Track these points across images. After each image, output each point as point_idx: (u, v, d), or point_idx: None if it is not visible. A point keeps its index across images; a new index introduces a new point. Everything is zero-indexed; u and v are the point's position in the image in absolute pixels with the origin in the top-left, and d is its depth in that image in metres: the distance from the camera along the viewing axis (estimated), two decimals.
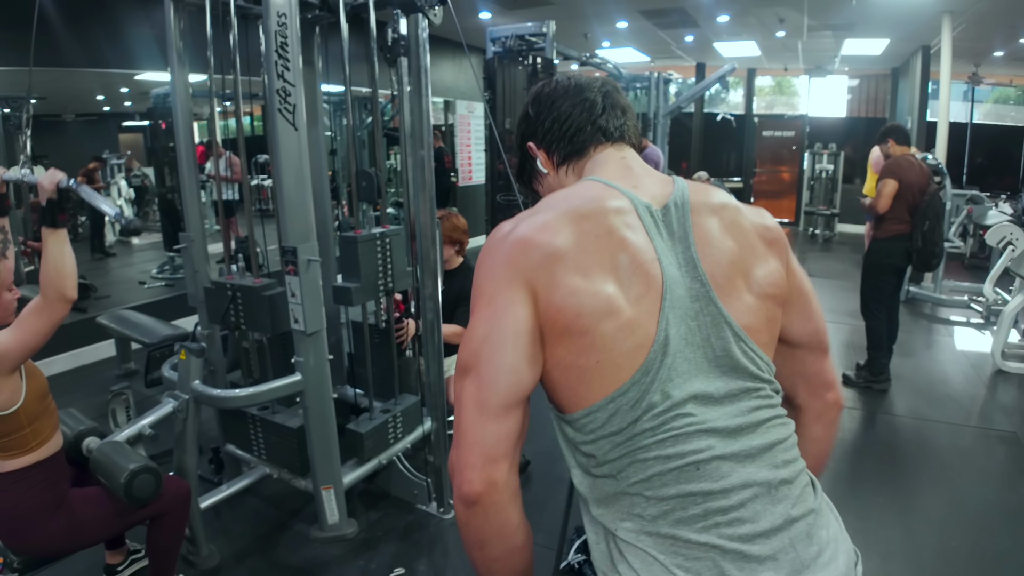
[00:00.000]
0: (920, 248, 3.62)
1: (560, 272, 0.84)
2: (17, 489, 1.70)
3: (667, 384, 0.84)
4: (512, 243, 0.87)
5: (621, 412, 0.85)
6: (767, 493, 0.85)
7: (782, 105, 12.63)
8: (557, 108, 1.03)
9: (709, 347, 0.87)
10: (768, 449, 0.87)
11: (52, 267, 1.64)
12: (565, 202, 0.91)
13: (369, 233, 2.36)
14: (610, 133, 1.02)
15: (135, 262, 6.49)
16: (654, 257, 0.87)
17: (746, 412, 0.88)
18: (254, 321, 2.28)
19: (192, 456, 2.24)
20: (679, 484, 0.83)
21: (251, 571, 2.30)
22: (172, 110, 2.35)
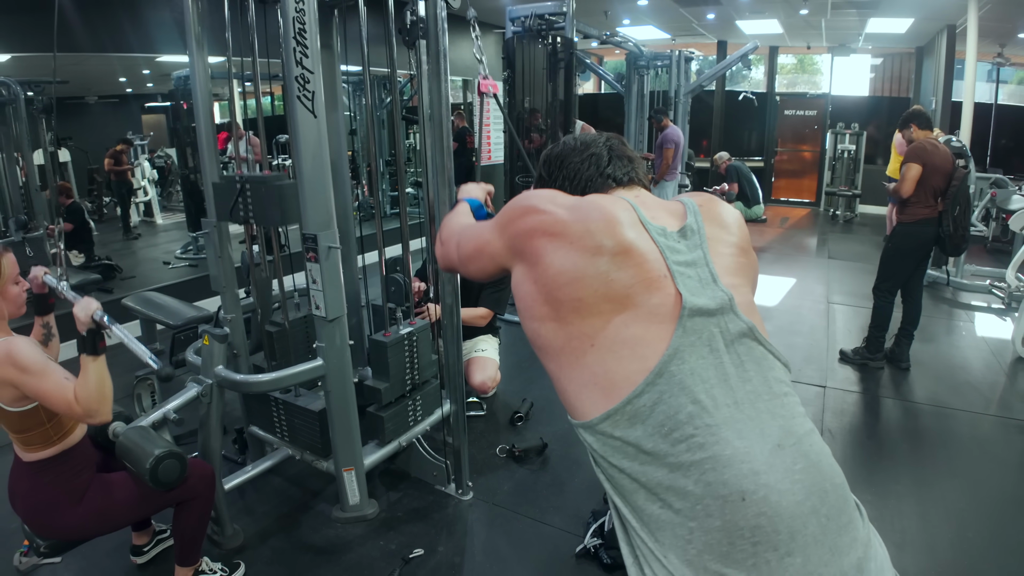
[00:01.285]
0: (952, 233, 3.60)
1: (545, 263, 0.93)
2: (42, 478, 1.75)
3: (693, 388, 0.83)
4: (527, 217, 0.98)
5: (642, 418, 0.83)
6: (817, 523, 0.81)
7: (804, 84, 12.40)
8: (567, 166, 1.12)
9: (734, 353, 0.88)
10: (815, 471, 0.84)
11: (88, 391, 1.66)
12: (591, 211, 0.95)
13: (397, 336, 2.49)
14: (619, 179, 1.09)
15: (160, 243, 6.59)
16: (666, 273, 0.90)
17: (782, 420, 0.86)
18: (263, 214, 2.24)
19: (216, 439, 2.29)
20: (724, 516, 0.79)
21: (274, 551, 2.36)
22: (192, 94, 2.37)
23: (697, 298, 0.88)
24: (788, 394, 0.90)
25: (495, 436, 3.13)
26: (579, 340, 0.88)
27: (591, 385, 0.88)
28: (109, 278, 4.91)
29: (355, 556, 2.32)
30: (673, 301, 0.87)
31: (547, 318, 0.92)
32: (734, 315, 0.90)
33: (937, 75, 7.68)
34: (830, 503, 0.83)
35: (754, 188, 6.85)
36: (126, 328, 1.79)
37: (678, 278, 0.89)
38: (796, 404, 0.91)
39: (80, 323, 1.70)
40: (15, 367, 1.62)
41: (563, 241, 0.91)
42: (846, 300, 5.37)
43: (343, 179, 2.78)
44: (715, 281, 0.92)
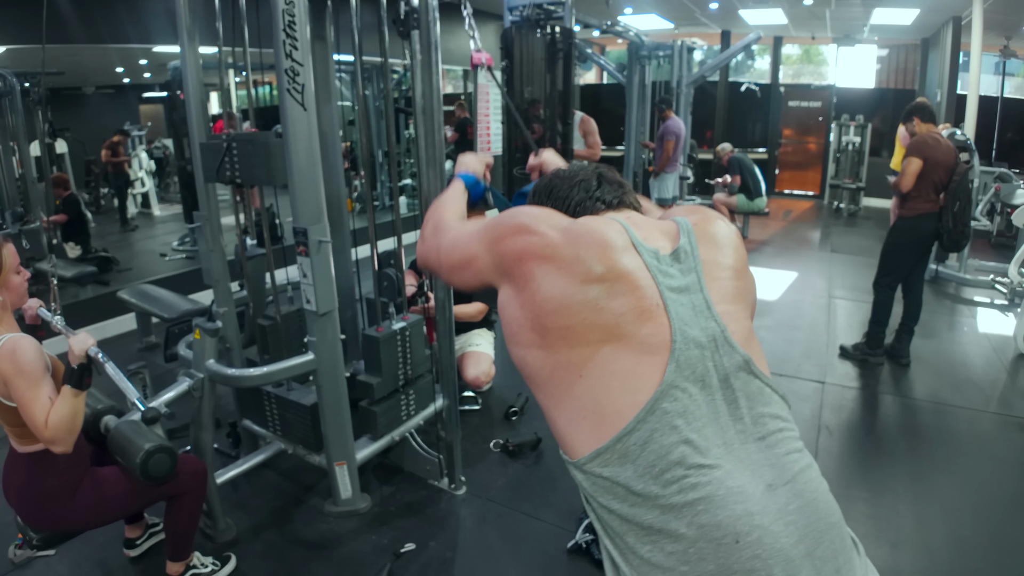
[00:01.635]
0: (952, 228, 3.57)
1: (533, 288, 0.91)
2: (36, 470, 1.75)
3: (684, 427, 0.81)
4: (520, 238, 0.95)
5: (632, 457, 0.81)
6: (812, 567, 0.79)
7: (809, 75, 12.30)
8: (556, 195, 1.09)
9: (728, 388, 0.85)
10: (809, 511, 0.82)
11: (64, 422, 1.66)
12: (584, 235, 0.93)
13: (390, 331, 2.47)
14: (609, 202, 1.07)
15: (157, 234, 6.58)
16: (659, 301, 0.87)
17: (776, 460, 0.83)
18: (249, 172, 2.21)
19: (208, 433, 2.28)
20: (718, 560, 0.77)
21: (266, 545, 2.36)
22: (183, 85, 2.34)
23: (690, 329, 0.85)
24: (783, 430, 0.87)
25: (489, 431, 3.12)
26: (566, 370, 0.86)
27: (580, 419, 0.85)
28: (105, 270, 4.90)
29: (347, 550, 2.32)
30: (666, 332, 0.84)
31: (533, 345, 0.89)
32: (729, 347, 0.87)
33: (942, 67, 7.61)
34: (825, 545, 0.81)
35: (756, 180, 6.79)
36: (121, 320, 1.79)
37: (671, 306, 0.86)
38: (791, 440, 0.87)
39: (74, 357, 1.70)
40: (14, 365, 1.62)
41: (553, 265, 0.89)
42: (848, 295, 5.33)
43: (336, 171, 2.76)
44: (709, 309, 0.89)
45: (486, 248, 0.99)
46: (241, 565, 2.22)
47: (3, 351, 1.62)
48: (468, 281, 1.05)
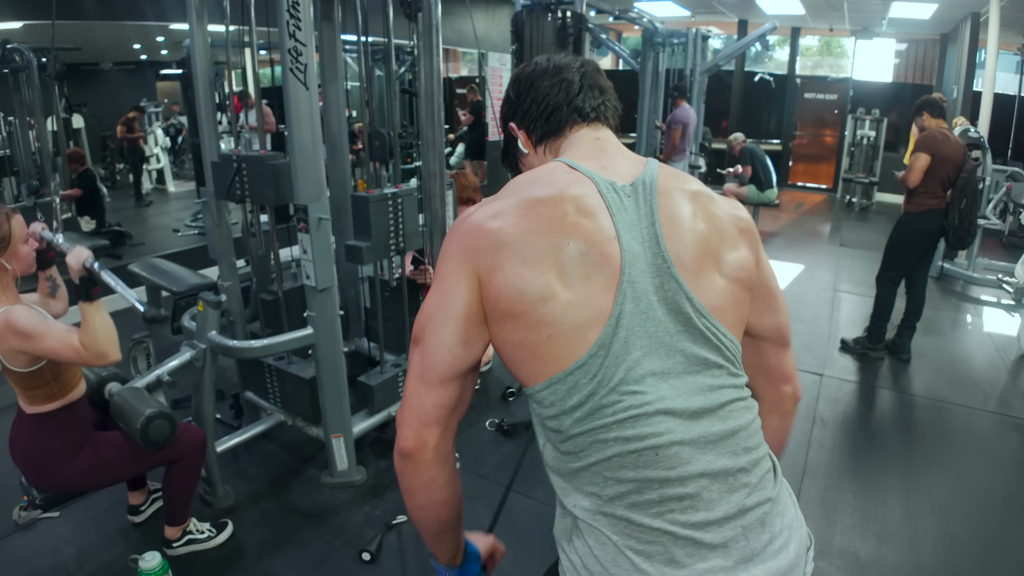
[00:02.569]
0: (957, 226, 3.56)
1: (504, 258, 0.87)
2: (42, 430, 1.83)
3: (626, 358, 0.86)
4: (465, 229, 0.92)
5: (580, 386, 0.86)
6: (724, 482, 0.86)
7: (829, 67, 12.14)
8: (536, 88, 1.05)
9: (671, 322, 0.88)
10: (730, 436, 0.88)
11: (93, 335, 1.73)
12: (526, 188, 0.93)
13: (380, 193, 2.40)
14: (586, 113, 1.04)
15: (171, 210, 6.65)
16: (613, 235, 0.87)
17: (707, 391, 0.88)
18: (258, 192, 2.30)
19: (209, 403, 2.34)
20: (637, 468, 0.85)
21: (263, 513, 2.43)
22: (191, 63, 2.39)
23: (637, 262, 0.87)
24: (721, 365, 0.90)
25: (485, 410, 3.17)
26: (537, 332, 0.86)
27: (540, 363, 0.88)
28: (119, 244, 4.99)
29: (340, 520, 2.38)
30: (617, 267, 0.86)
31: (507, 321, 0.88)
32: (676, 284, 0.87)
33: (959, 64, 7.50)
34: (740, 465, 0.88)
35: (768, 171, 6.75)
36: (133, 291, 1.85)
37: (623, 239, 0.88)
38: (727, 374, 0.91)
39: (72, 271, 1.77)
40: (17, 335, 1.68)
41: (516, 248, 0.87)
42: (853, 289, 5.32)
43: (342, 150, 2.81)
44: (659, 245, 0.89)
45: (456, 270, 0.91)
46: (237, 531, 2.30)
47: (3, 322, 1.67)
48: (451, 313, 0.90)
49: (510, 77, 1.12)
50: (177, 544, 2.18)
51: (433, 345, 0.91)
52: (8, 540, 2.27)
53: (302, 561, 2.18)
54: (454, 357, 0.90)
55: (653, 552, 0.85)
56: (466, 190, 3.03)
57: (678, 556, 0.84)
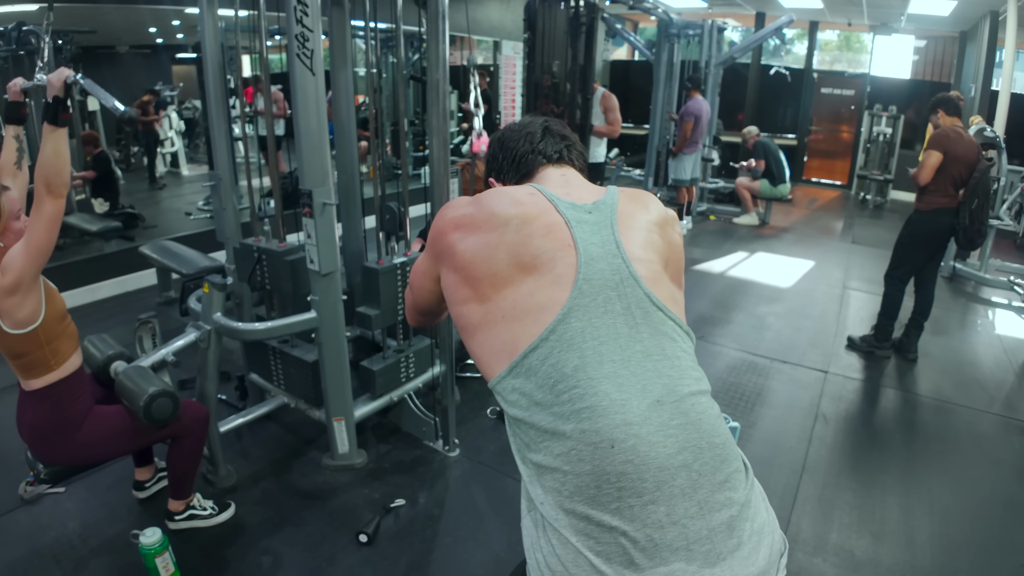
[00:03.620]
0: (967, 226, 3.52)
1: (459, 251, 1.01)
2: (44, 405, 1.85)
3: (581, 345, 0.89)
4: (440, 222, 1.07)
5: (534, 369, 0.90)
6: (686, 477, 0.85)
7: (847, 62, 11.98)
8: (506, 144, 1.21)
9: (630, 315, 0.93)
10: (692, 428, 0.87)
11: (47, 161, 1.68)
12: (489, 198, 1.04)
13: (390, 264, 2.55)
14: (549, 155, 1.18)
15: (184, 193, 6.72)
16: (569, 243, 0.96)
17: (667, 381, 0.90)
18: (278, 284, 2.47)
19: (213, 383, 2.38)
20: (594, 461, 0.84)
21: (264, 492, 2.47)
22: (202, 47, 2.41)
23: (596, 263, 0.95)
24: (681, 357, 0.94)
25: (487, 398, 3.19)
26: (492, 314, 0.95)
27: (500, 351, 0.94)
28: (131, 226, 5.05)
29: (340, 502, 2.42)
30: (575, 268, 0.94)
31: (469, 299, 0.99)
32: (634, 282, 0.95)
33: (978, 62, 7.39)
34: (704, 460, 0.87)
35: (781, 166, 6.70)
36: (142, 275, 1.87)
37: (580, 244, 0.96)
38: (688, 367, 0.94)
39: (52, 87, 1.70)
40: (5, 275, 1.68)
41: (472, 228, 1.01)
42: (863, 287, 5.28)
43: (350, 136, 2.82)
44: (618, 249, 0.97)
45: (426, 253, 1.13)
46: (239, 510, 2.34)
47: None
48: (424, 286, 1.15)
49: (491, 140, 1.28)
50: (179, 517, 2.23)
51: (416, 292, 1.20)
52: (13, 514, 2.33)
53: (300, 541, 2.22)
54: (428, 299, 1.18)
55: (612, 553, 0.83)
56: (478, 182, 3.05)
57: (637, 558, 0.82)
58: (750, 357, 3.85)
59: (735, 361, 3.79)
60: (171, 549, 2.00)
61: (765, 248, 6.36)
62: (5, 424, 2.78)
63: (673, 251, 1.07)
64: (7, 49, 4.30)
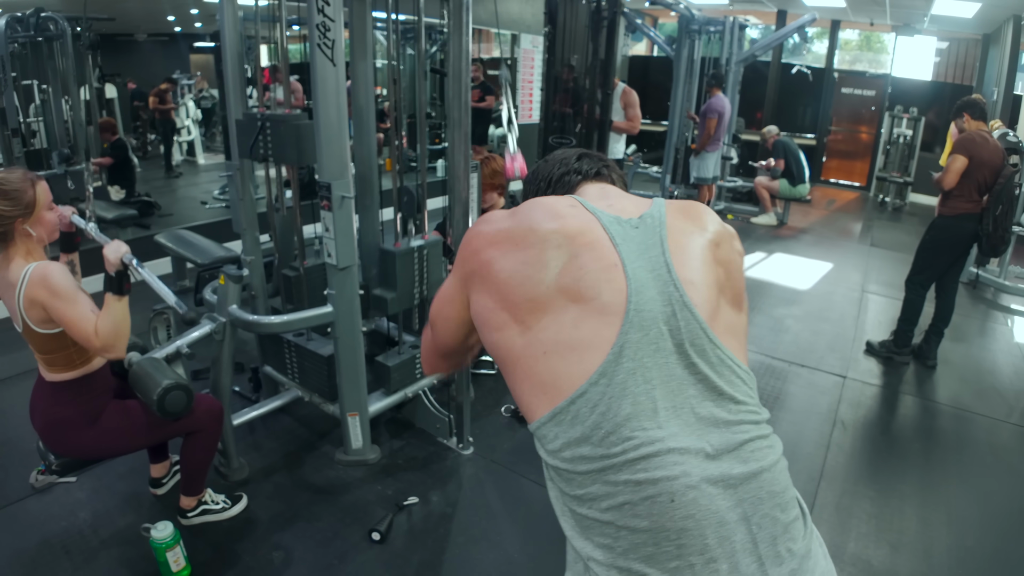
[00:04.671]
0: (991, 232, 3.46)
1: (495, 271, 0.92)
2: (61, 397, 1.85)
3: (633, 390, 0.81)
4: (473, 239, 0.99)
5: (582, 417, 0.82)
6: (747, 532, 0.80)
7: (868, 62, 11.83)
8: (540, 175, 1.16)
9: (683, 354, 0.84)
10: (752, 479, 0.82)
11: (110, 327, 1.75)
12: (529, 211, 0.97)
13: (407, 247, 2.49)
14: (587, 172, 1.12)
15: (200, 182, 6.73)
16: (616, 263, 0.88)
17: (725, 428, 0.83)
18: (282, 152, 2.30)
19: (227, 376, 2.37)
20: (651, 517, 0.78)
21: (276, 486, 2.46)
22: (221, 36, 2.39)
23: (647, 290, 0.86)
24: (737, 400, 0.87)
25: (502, 396, 3.17)
26: (533, 347, 0.87)
27: (540, 391, 0.86)
28: (147, 214, 5.06)
29: (352, 498, 2.40)
30: (623, 296, 0.85)
31: (506, 325, 0.90)
32: (688, 312, 0.86)
33: (1001, 66, 7.28)
34: (763, 512, 0.81)
35: (800, 166, 6.62)
36: (157, 263, 1.87)
37: (628, 267, 0.87)
38: (746, 411, 0.87)
39: (109, 264, 1.78)
40: (47, 290, 1.70)
41: (509, 245, 0.92)
42: (882, 291, 5.21)
43: (368, 129, 2.79)
44: (670, 273, 0.88)
45: (453, 273, 1.03)
46: (250, 504, 2.33)
47: (34, 278, 1.70)
48: (451, 316, 1.03)
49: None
50: (192, 514, 2.22)
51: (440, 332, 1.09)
52: (24, 503, 2.32)
53: (312, 536, 2.20)
54: (455, 339, 1.08)
55: None
56: (497, 176, 3.03)
57: None
58: (768, 360, 3.81)
59: (753, 364, 3.70)
60: (182, 543, 1.99)
61: (783, 249, 6.29)
62: (17, 412, 2.80)
63: (732, 273, 0.96)
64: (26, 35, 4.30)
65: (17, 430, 2.67)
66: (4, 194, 1.72)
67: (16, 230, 1.75)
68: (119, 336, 1.78)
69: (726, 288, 0.94)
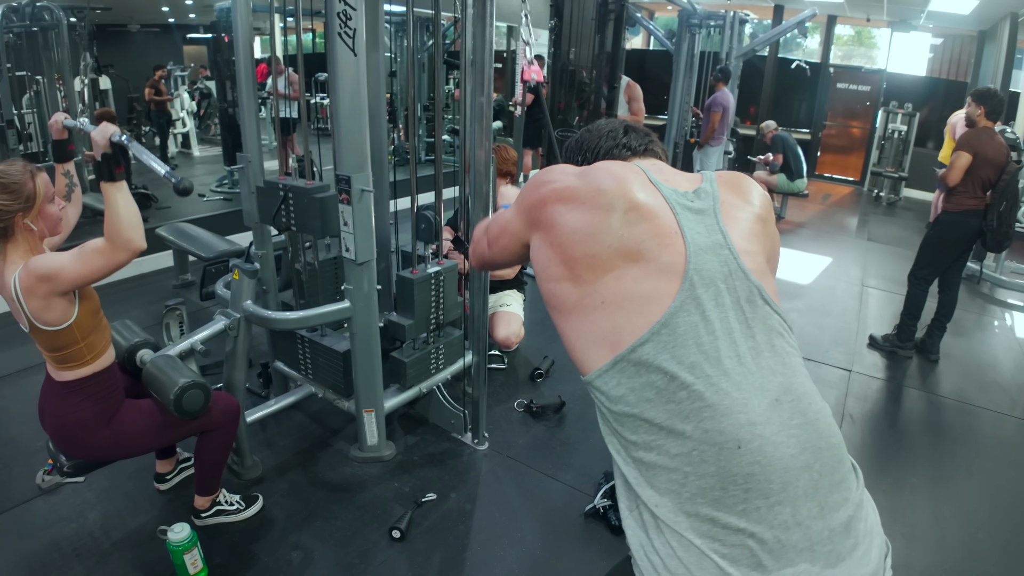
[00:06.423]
0: (995, 228, 3.49)
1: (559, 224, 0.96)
2: (73, 398, 1.78)
3: (698, 340, 0.85)
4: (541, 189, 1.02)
5: (646, 364, 0.86)
6: (808, 479, 0.84)
7: (860, 57, 11.88)
8: (586, 147, 1.17)
9: (739, 310, 0.90)
10: (811, 427, 0.86)
11: (116, 220, 1.63)
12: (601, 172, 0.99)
13: (425, 274, 2.49)
14: (636, 148, 1.14)
15: (196, 174, 6.65)
16: (676, 230, 0.92)
17: (783, 378, 0.88)
18: (305, 223, 2.31)
19: (241, 372, 2.33)
20: (719, 462, 0.82)
21: (291, 484, 2.42)
22: (233, 28, 2.34)
23: (705, 254, 0.91)
24: (791, 354, 0.92)
25: (514, 390, 3.16)
26: (591, 298, 0.92)
27: (598, 340, 0.91)
28: (144, 207, 4.97)
29: (369, 496, 2.38)
30: (682, 256, 0.90)
31: (562, 278, 0.95)
32: (743, 275, 0.92)
33: (997, 63, 7.34)
34: (823, 460, 0.86)
35: (799, 161, 6.64)
36: (158, 257, 1.81)
37: (687, 234, 0.92)
38: (799, 364, 0.93)
39: (97, 146, 1.65)
40: (41, 280, 1.61)
41: (576, 203, 0.95)
42: (881, 285, 5.24)
43: (380, 121, 2.75)
44: (725, 239, 0.94)
45: (517, 210, 1.07)
46: (265, 503, 2.29)
47: (26, 276, 1.61)
48: (507, 246, 1.11)
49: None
50: (206, 514, 2.17)
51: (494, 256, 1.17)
52: (31, 504, 2.27)
53: (331, 535, 2.18)
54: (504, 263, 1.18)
55: (739, 555, 0.82)
56: (506, 163, 3.06)
57: (765, 560, 0.81)
58: None
59: None
60: (199, 545, 1.95)
61: (782, 243, 6.19)
62: (19, 409, 2.74)
63: (774, 245, 1.05)
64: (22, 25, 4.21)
65: (20, 428, 2.61)
66: (3, 187, 1.62)
67: (17, 225, 1.66)
68: (132, 226, 1.64)
69: (772, 259, 1.02)
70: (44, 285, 1.61)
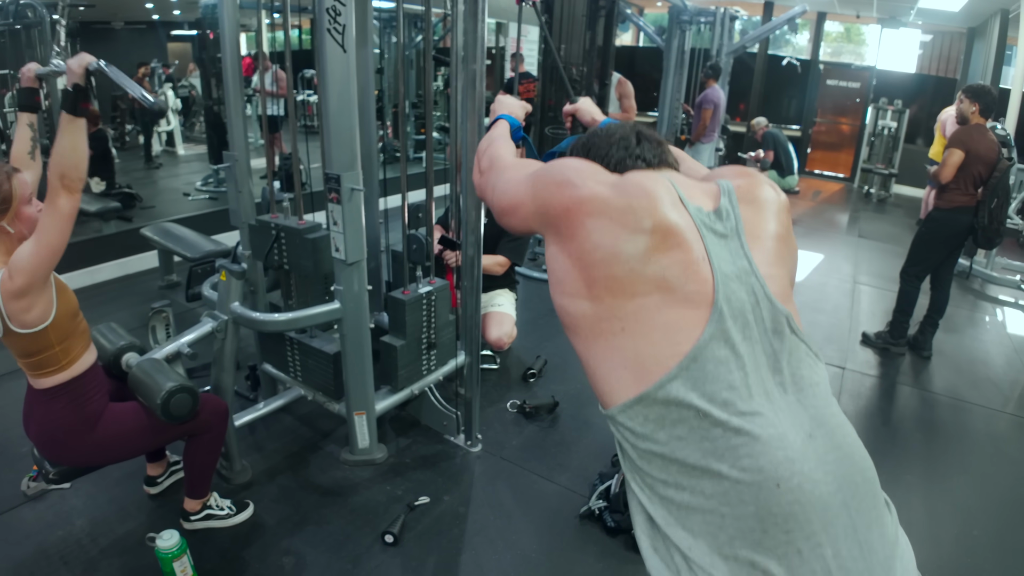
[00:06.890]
0: (986, 225, 3.50)
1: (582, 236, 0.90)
2: (54, 405, 1.73)
3: (728, 376, 0.81)
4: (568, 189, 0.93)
5: (676, 403, 0.81)
6: (848, 517, 0.81)
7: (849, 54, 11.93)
8: (595, 152, 1.08)
9: (767, 342, 0.86)
10: (847, 462, 0.83)
11: (63, 153, 1.54)
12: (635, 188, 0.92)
13: (416, 295, 2.46)
14: (651, 161, 1.05)
15: (181, 173, 6.57)
16: (704, 255, 0.87)
17: (815, 411, 0.85)
18: (297, 262, 2.33)
19: (229, 375, 2.28)
20: (758, 502, 0.78)
21: (281, 489, 2.38)
22: (219, 24, 2.29)
23: (732, 283, 0.86)
24: (819, 384, 0.89)
25: (507, 391, 3.12)
26: (609, 322, 0.86)
27: (621, 369, 0.85)
28: (129, 207, 4.90)
29: (361, 499, 2.34)
30: (709, 286, 0.84)
31: (578, 295, 0.89)
32: (769, 303, 0.88)
33: (987, 59, 7.38)
34: (860, 496, 0.83)
35: (789, 158, 6.66)
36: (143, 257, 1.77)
37: (715, 261, 0.87)
38: (828, 395, 0.89)
39: (72, 74, 1.57)
40: (17, 275, 1.55)
41: (602, 218, 0.88)
42: (873, 282, 5.25)
43: (368, 119, 2.71)
44: (751, 265, 0.89)
45: (531, 197, 0.99)
46: (256, 507, 2.25)
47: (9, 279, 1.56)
48: (514, 226, 1.07)
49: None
50: (195, 517, 2.13)
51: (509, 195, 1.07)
52: (17, 511, 2.22)
53: (323, 540, 2.14)
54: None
55: None
56: None
57: None
58: None
59: None
60: (189, 552, 1.91)
61: None
62: (5, 413, 2.67)
63: (794, 258, 1.01)
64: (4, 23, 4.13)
65: (6, 433, 2.55)
66: None
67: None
68: (75, 165, 1.56)
69: (792, 272, 0.99)
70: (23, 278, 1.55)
